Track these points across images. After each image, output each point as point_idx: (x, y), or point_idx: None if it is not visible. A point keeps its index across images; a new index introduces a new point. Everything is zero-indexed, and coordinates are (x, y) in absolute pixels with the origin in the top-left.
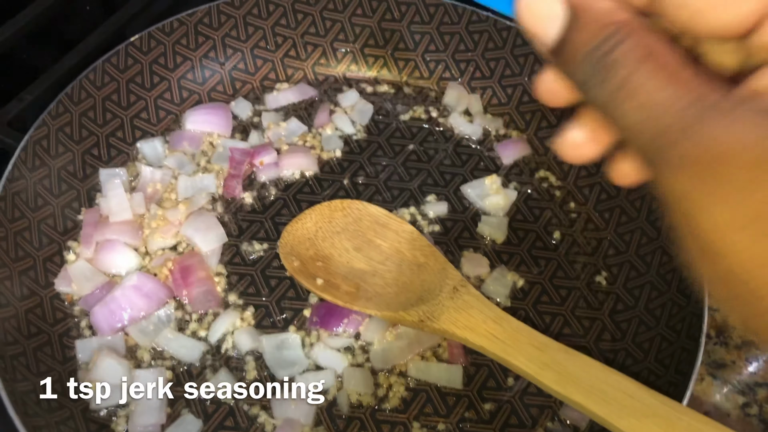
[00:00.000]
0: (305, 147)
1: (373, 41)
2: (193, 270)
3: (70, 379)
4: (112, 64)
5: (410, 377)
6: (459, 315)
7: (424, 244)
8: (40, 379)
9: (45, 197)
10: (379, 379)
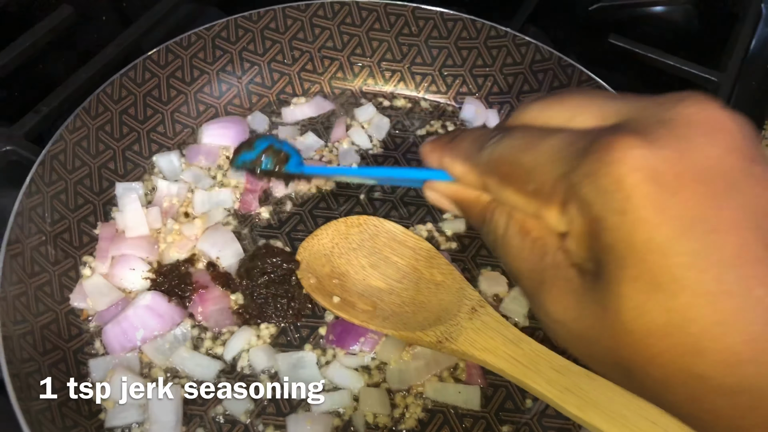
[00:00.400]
0: (321, 161)
1: (390, 55)
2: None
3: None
4: (129, 77)
5: (427, 398)
6: (478, 336)
7: (441, 262)
8: (56, 401)
9: (61, 212)
10: (395, 399)
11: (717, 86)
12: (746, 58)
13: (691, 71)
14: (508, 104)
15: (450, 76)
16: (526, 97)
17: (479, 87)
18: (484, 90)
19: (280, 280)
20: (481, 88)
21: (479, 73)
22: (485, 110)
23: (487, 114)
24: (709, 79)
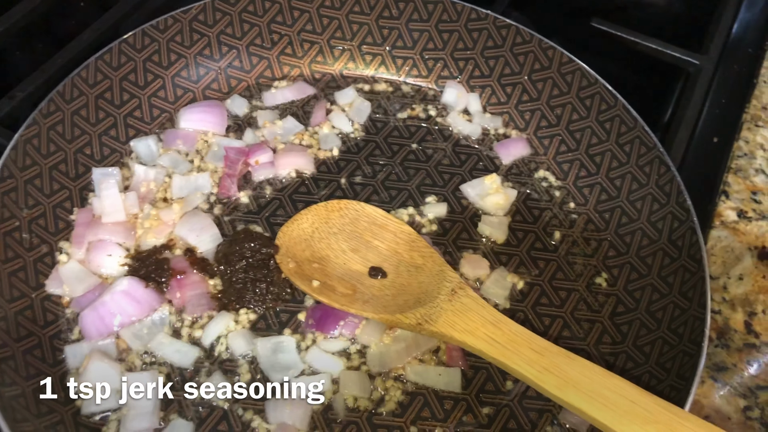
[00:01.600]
0: (301, 146)
1: (371, 39)
2: (187, 272)
3: (60, 382)
4: (105, 61)
5: (407, 381)
6: (457, 318)
7: (422, 245)
8: (30, 383)
9: (36, 197)
10: (375, 382)
11: (699, 69)
12: (728, 42)
13: (673, 54)
14: (489, 87)
15: (431, 60)
16: (507, 80)
17: (461, 70)
18: (466, 73)
19: (259, 264)
20: (463, 71)
21: (460, 56)
22: (467, 94)
23: (469, 98)
24: (691, 62)
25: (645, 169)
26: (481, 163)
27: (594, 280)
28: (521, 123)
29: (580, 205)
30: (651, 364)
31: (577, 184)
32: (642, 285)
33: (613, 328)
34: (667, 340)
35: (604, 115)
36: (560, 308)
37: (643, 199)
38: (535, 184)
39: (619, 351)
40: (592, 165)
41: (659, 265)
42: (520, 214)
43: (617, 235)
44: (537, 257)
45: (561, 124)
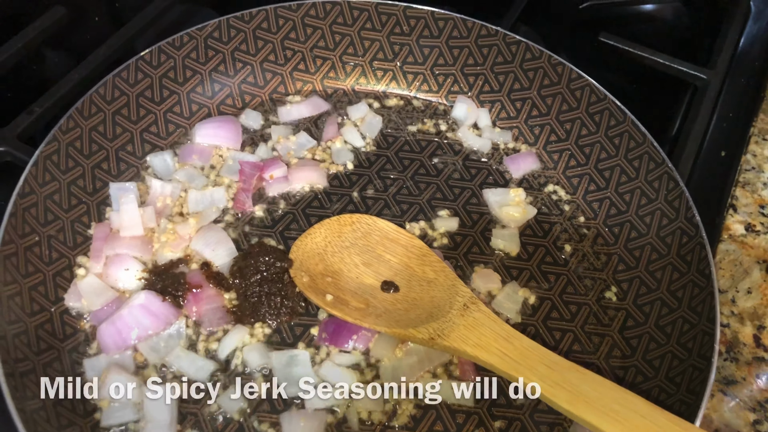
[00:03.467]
0: (314, 160)
1: (382, 55)
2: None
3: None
4: (122, 78)
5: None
6: (470, 333)
7: (434, 259)
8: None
9: (55, 212)
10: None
11: (706, 84)
12: (735, 56)
13: (680, 69)
14: (499, 103)
15: (441, 75)
16: (517, 95)
17: (470, 86)
18: (476, 89)
19: (273, 278)
20: (473, 86)
21: (470, 71)
22: (476, 109)
23: (479, 112)
24: (698, 76)
25: (654, 185)
26: (491, 177)
27: (604, 294)
28: (531, 138)
29: (590, 220)
30: (661, 378)
31: (586, 199)
32: (651, 299)
33: (622, 342)
34: (676, 354)
35: (613, 130)
36: (570, 322)
37: (652, 214)
38: (545, 198)
39: (628, 365)
40: (602, 180)
41: (668, 279)
42: (530, 228)
43: (627, 249)
44: (547, 271)
45: (570, 139)
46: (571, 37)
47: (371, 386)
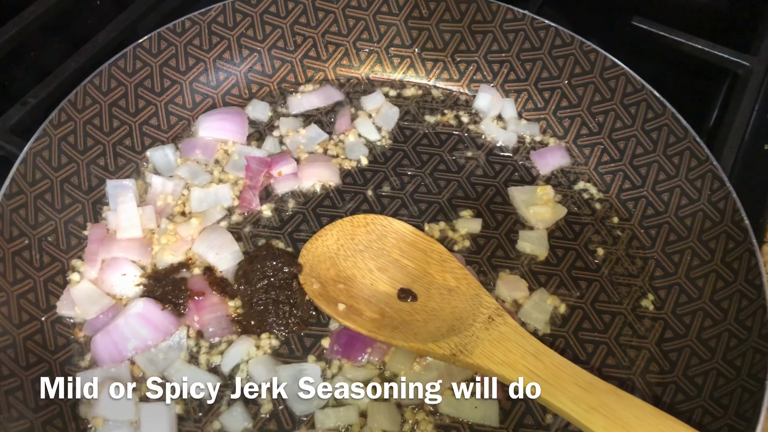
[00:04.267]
0: (326, 156)
1: (399, 40)
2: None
3: (71, 413)
4: (119, 67)
5: (441, 413)
6: (495, 348)
7: (455, 266)
8: (39, 416)
9: (47, 212)
10: (405, 414)
11: (749, 71)
12: None
13: (720, 55)
14: (525, 92)
15: (463, 63)
16: (545, 84)
17: (495, 74)
18: (500, 77)
19: (281, 285)
20: (497, 75)
21: (495, 59)
22: (501, 99)
23: (503, 103)
24: (740, 63)
25: (696, 184)
26: (516, 174)
27: (640, 303)
28: (560, 130)
29: (624, 220)
30: (704, 398)
31: (620, 197)
32: (692, 309)
33: (661, 356)
34: (722, 372)
35: (650, 123)
36: (604, 333)
37: (694, 215)
38: (575, 197)
39: (667, 381)
40: (637, 177)
41: (712, 288)
42: (559, 230)
43: (665, 253)
44: (578, 277)
45: (603, 133)
46: (602, 22)
47: (387, 404)
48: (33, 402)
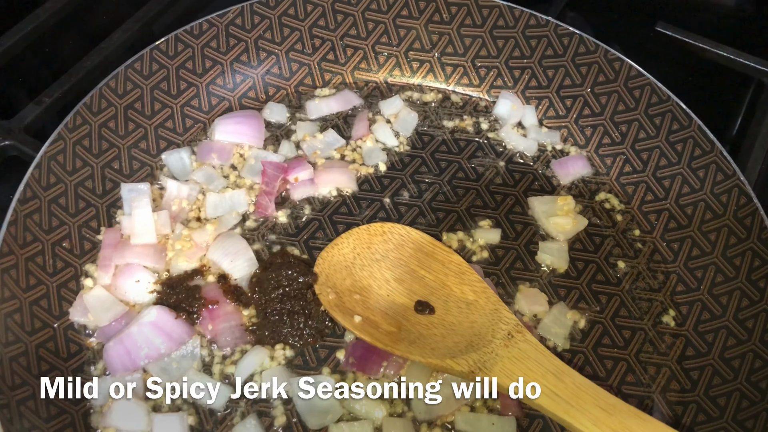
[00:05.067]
0: (343, 161)
1: (418, 44)
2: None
3: (83, 423)
4: (135, 69)
5: (457, 430)
6: (515, 367)
7: (474, 278)
8: (51, 425)
9: (60, 217)
10: (421, 430)
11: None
12: None
13: (744, 63)
14: (546, 99)
15: (483, 68)
16: (567, 92)
17: (516, 80)
18: (521, 83)
19: (296, 294)
20: (518, 81)
21: (516, 65)
22: (522, 106)
23: (524, 110)
24: (765, 71)
25: (721, 198)
26: (536, 183)
27: (661, 318)
28: (581, 139)
29: (646, 233)
30: (727, 420)
31: (642, 209)
32: (715, 327)
33: (682, 374)
34: (746, 394)
35: (675, 135)
36: (624, 350)
37: (718, 231)
38: (596, 208)
39: (688, 400)
40: (660, 189)
41: (736, 306)
42: (579, 242)
43: (687, 268)
44: (598, 291)
45: (626, 143)
46: (624, 27)
47: (402, 420)
48: (45, 411)
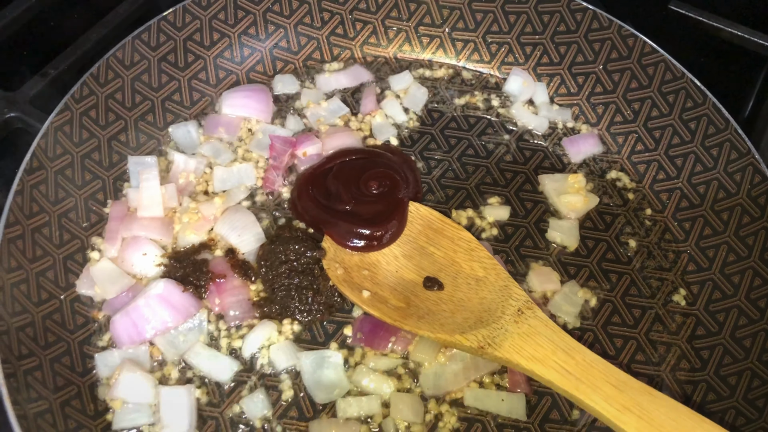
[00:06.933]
0: (347, 127)
1: (429, 19)
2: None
3: (90, 394)
4: (142, 40)
5: (465, 406)
6: (525, 343)
7: (483, 255)
8: (57, 396)
9: (67, 189)
10: (429, 405)
11: None
12: None
13: (759, 42)
14: (558, 76)
15: (495, 44)
16: (579, 68)
17: (527, 57)
18: (533, 60)
19: (304, 269)
20: (530, 57)
21: (528, 41)
22: (533, 83)
23: (535, 87)
24: None
25: (735, 177)
26: (547, 161)
27: (671, 298)
28: (593, 117)
29: (657, 212)
30: (737, 399)
31: (653, 188)
32: (726, 306)
33: (692, 353)
34: (757, 373)
35: (689, 113)
36: (633, 328)
37: (731, 209)
38: (607, 186)
39: (698, 379)
40: (672, 168)
41: (748, 286)
42: (590, 220)
43: (698, 247)
44: (609, 269)
45: (638, 121)
46: (637, 4)
47: (410, 395)
48: (52, 382)
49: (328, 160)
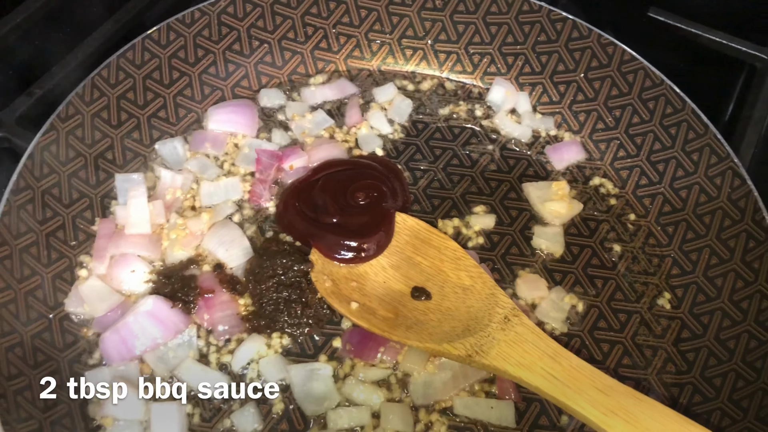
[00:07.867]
0: (333, 139)
1: (411, 32)
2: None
3: (80, 413)
4: (127, 59)
5: (455, 414)
6: (511, 350)
7: (469, 264)
8: (47, 415)
9: (54, 208)
10: (419, 414)
11: (767, 65)
12: None
13: (737, 48)
14: (540, 86)
15: (477, 55)
16: (560, 77)
17: (509, 67)
18: (515, 70)
19: (292, 283)
20: (512, 67)
21: (509, 51)
22: (516, 92)
23: (518, 96)
24: (758, 56)
25: (715, 181)
26: (531, 169)
27: (656, 302)
28: (575, 125)
29: (641, 217)
30: (723, 400)
31: (636, 194)
32: (710, 309)
33: (677, 356)
34: (741, 374)
35: (669, 119)
36: (620, 333)
37: (713, 213)
38: (591, 192)
39: (684, 382)
40: (654, 173)
41: (731, 288)
42: (575, 227)
43: (682, 251)
44: (594, 275)
45: (620, 127)
46: (617, 12)
47: (400, 405)
48: (41, 401)
49: (314, 172)
